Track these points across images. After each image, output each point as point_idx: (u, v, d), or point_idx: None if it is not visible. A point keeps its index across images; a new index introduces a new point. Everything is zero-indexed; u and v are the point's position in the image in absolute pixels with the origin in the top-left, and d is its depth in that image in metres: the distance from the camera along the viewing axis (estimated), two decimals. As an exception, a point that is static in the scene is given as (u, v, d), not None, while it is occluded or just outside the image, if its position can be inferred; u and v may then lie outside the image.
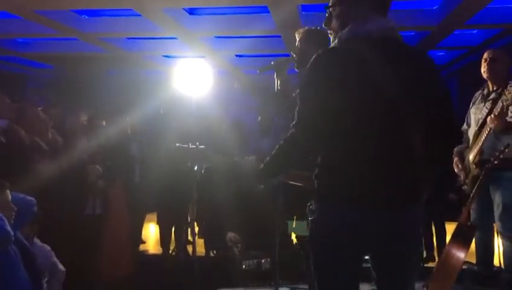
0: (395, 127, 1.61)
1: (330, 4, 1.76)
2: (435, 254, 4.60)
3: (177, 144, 2.02)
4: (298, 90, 2.57)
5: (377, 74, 1.59)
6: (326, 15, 1.79)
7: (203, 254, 5.10)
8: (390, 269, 1.72)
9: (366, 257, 1.78)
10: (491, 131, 3.19)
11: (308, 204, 1.75)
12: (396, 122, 1.60)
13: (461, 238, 2.99)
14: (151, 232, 5.69)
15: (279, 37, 5.96)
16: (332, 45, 1.75)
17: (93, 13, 5.58)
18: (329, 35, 1.82)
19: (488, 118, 3.19)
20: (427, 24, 5.39)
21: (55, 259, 2.93)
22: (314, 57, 1.66)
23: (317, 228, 1.70)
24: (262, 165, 1.85)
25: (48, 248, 2.90)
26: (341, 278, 1.71)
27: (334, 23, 1.76)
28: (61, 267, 2.95)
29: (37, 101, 5.68)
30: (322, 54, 1.67)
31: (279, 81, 3.09)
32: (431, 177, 1.77)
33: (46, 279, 2.81)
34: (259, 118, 3.09)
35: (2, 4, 4.67)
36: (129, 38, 6.64)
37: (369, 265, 1.80)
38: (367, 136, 1.60)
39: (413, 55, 1.73)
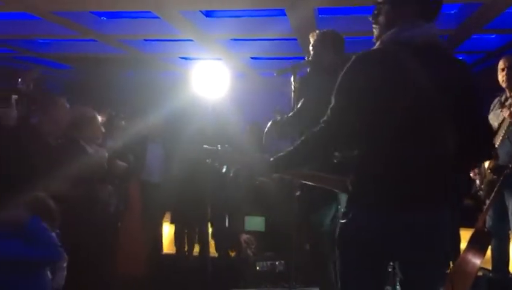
0: (429, 133, 1.62)
1: (381, 1, 1.77)
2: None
3: (204, 146, 2.04)
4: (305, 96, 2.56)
5: (415, 79, 1.60)
6: (375, 11, 1.79)
7: (216, 255, 5.12)
8: (418, 273, 1.72)
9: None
10: (506, 136, 3.17)
11: (339, 206, 1.76)
12: (431, 129, 1.62)
13: (477, 245, 2.98)
14: (165, 232, 5.72)
15: (295, 40, 5.96)
16: (374, 46, 1.75)
17: (112, 15, 5.65)
18: (374, 29, 1.79)
19: (502, 124, 3.17)
20: (445, 28, 5.35)
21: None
22: (353, 57, 1.67)
23: (348, 230, 1.71)
24: (281, 154, 1.81)
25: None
26: (368, 282, 1.71)
27: (381, 19, 1.76)
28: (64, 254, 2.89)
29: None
30: (362, 56, 1.68)
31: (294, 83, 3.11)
32: (457, 182, 1.78)
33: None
34: (278, 120, 3.11)
35: (22, 5, 4.76)
36: (147, 40, 6.71)
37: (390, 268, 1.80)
38: (401, 141, 1.62)
39: (453, 64, 1.74)
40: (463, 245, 3.42)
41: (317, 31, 3.13)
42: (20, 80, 3.85)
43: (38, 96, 3.91)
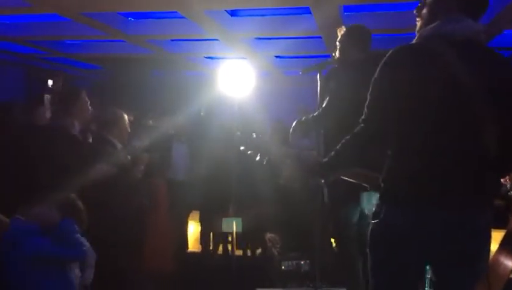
0: (469, 130, 1.57)
1: None
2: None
3: (238, 133, 2.06)
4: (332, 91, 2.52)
5: (455, 75, 1.55)
6: (420, 4, 1.76)
7: (240, 253, 5.14)
8: (453, 273, 1.66)
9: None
10: None
11: (365, 201, 1.73)
12: (470, 126, 1.57)
13: (509, 246, 2.90)
14: (190, 231, 5.78)
15: (320, 38, 5.92)
16: (414, 40, 1.71)
17: (139, 16, 5.73)
18: (417, 22, 1.77)
19: None
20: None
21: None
22: (390, 52, 1.63)
23: (381, 230, 1.66)
24: (325, 159, 1.82)
25: None
26: (401, 283, 1.67)
27: (425, 13, 1.73)
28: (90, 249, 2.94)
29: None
30: (399, 50, 1.63)
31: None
32: (498, 182, 1.73)
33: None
34: (303, 119, 3.10)
35: (52, 7, 4.87)
36: (173, 40, 6.78)
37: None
38: (439, 138, 1.57)
39: (496, 62, 1.67)
40: (493, 247, 3.35)
41: (344, 26, 3.09)
42: (51, 80, 3.94)
43: (64, 93, 3.99)
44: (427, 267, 1.68)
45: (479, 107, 1.56)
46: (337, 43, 3.05)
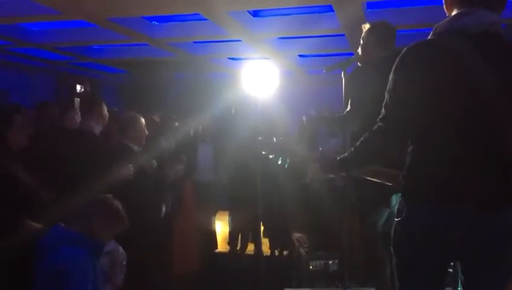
0: (490, 126, 1.53)
1: None
2: None
3: (259, 137, 2.08)
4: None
5: (471, 70, 1.51)
6: None
7: (268, 253, 5.14)
8: (481, 275, 1.62)
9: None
10: None
11: (394, 203, 1.71)
12: (491, 121, 1.53)
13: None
14: (218, 231, 5.82)
15: (343, 35, 5.87)
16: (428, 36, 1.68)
17: (163, 19, 5.80)
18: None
19: None
20: (505, 17, 5.08)
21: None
22: (404, 50, 1.61)
23: (404, 228, 1.64)
24: (342, 155, 1.83)
25: None
26: (427, 282, 1.64)
27: (444, 6, 1.71)
28: (121, 249, 2.96)
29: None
30: (413, 48, 1.61)
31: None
32: None
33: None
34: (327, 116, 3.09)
35: (80, 13, 4.98)
36: (196, 42, 6.84)
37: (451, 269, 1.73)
38: (459, 135, 1.54)
39: None
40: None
41: (369, 23, 3.04)
42: (79, 85, 4.06)
43: (87, 99, 4.11)
44: (457, 267, 1.65)
45: (497, 103, 1.52)
46: (361, 40, 3.00)
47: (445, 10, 1.70)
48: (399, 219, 1.66)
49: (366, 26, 2.98)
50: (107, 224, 2.55)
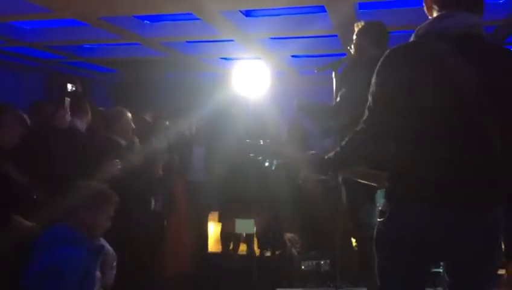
0: (472, 127, 1.54)
1: None
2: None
3: (247, 140, 2.09)
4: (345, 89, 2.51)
5: (453, 72, 1.52)
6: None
7: (259, 253, 5.14)
8: (466, 276, 1.65)
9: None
10: None
11: (377, 205, 1.73)
12: (473, 123, 1.54)
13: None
14: (210, 231, 5.80)
15: (336, 36, 5.89)
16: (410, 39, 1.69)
17: (155, 18, 5.77)
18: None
19: None
20: (493, 18, 5.12)
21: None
22: (386, 53, 1.63)
23: (386, 229, 1.65)
24: (327, 156, 1.85)
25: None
26: (407, 284, 1.65)
27: (424, 9, 1.72)
28: (111, 250, 2.90)
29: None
30: (396, 50, 1.62)
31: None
32: (510, 179, 1.69)
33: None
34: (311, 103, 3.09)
35: (71, 12, 4.95)
36: (188, 42, 6.81)
37: (435, 270, 1.75)
38: (441, 136, 1.55)
39: (497, 55, 1.62)
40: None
41: (362, 22, 3.04)
42: (70, 84, 4.03)
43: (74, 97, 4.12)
44: (441, 267, 1.66)
45: (479, 105, 1.53)
46: (354, 38, 3.00)
47: (426, 12, 1.71)
48: (382, 219, 1.67)
49: (360, 25, 2.98)
50: (96, 211, 2.52)
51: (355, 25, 3.03)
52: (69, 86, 3.96)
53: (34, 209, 2.63)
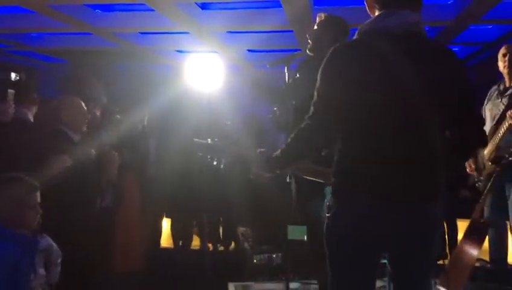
0: (413, 123, 1.58)
1: None
2: (447, 251, 4.57)
3: (195, 139, 2.04)
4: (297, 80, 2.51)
5: (395, 70, 1.56)
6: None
7: (213, 248, 5.12)
8: (407, 265, 1.71)
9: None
10: (510, 126, 3.14)
11: (325, 200, 1.75)
12: (415, 119, 1.58)
13: (474, 235, 2.96)
14: (163, 226, 5.72)
15: (291, 32, 5.92)
16: (354, 36, 1.71)
17: (107, 8, 5.60)
18: None
19: (508, 112, 3.15)
20: (441, 19, 5.31)
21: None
22: (331, 49, 1.65)
23: (333, 224, 1.69)
24: (274, 154, 1.85)
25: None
26: (357, 275, 1.69)
27: (366, 7, 1.73)
28: (55, 246, 2.79)
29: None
30: (340, 47, 1.65)
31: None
32: (450, 174, 1.75)
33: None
34: (277, 113, 3.08)
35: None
36: (142, 33, 6.66)
37: (385, 261, 1.79)
38: (384, 133, 1.59)
39: (437, 52, 1.67)
40: (461, 236, 3.42)
41: (324, 13, 3.00)
42: (13, 74, 3.82)
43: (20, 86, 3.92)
44: (385, 259, 1.71)
45: (421, 102, 1.57)
46: (315, 27, 2.96)
47: (368, 11, 1.73)
48: (329, 214, 1.70)
49: (322, 16, 2.94)
50: (12, 201, 2.37)
51: (318, 15, 2.99)
52: (13, 75, 3.73)
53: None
